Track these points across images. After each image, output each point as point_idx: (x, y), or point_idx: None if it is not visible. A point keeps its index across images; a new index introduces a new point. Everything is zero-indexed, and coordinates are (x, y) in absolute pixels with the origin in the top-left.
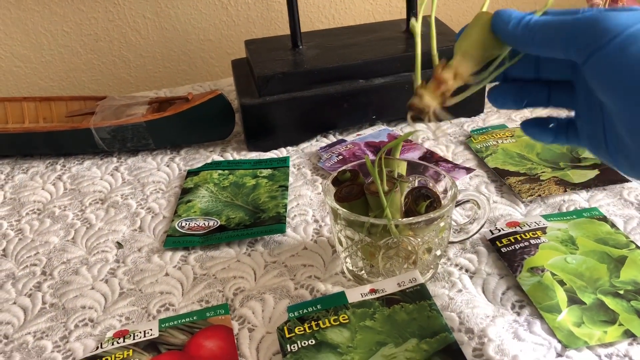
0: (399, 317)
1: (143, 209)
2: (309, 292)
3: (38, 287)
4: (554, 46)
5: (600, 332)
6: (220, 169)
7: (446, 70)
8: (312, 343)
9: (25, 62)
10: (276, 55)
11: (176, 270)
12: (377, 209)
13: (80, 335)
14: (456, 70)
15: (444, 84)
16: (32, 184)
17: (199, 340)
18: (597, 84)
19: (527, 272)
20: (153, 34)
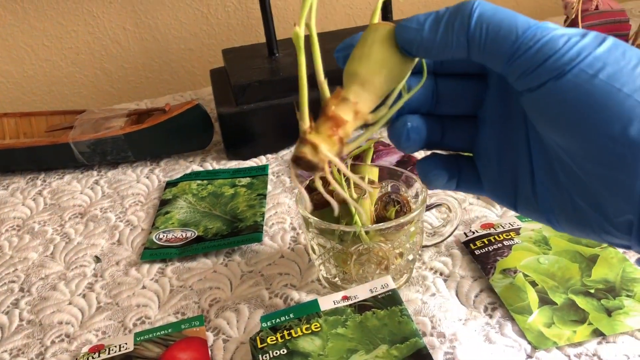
0: (370, 324)
1: (122, 222)
2: (282, 301)
3: (16, 304)
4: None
5: (569, 332)
6: (199, 179)
7: (343, 106)
8: (284, 352)
9: (7, 77)
10: (252, 63)
11: (153, 283)
12: (347, 216)
13: (56, 352)
14: (355, 106)
15: (341, 127)
16: (13, 200)
17: (173, 353)
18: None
19: (500, 273)
20: (134, 45)
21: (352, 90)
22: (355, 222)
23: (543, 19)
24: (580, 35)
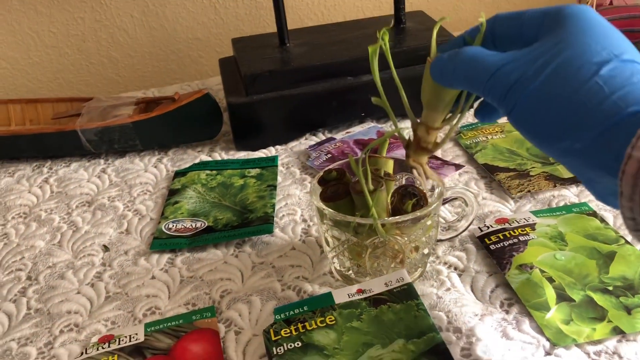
0: (386, 318)
1: (130, 211)
2: (296, 293)
3: (23, 293)
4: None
5: (589, 330)
6: (208, 169)
7: (420, 127)
8: (299, 345)
9: (12, 64)
10: (263, 53)
11: (163, 273)
12: (363, 208)
13: (65, 341)
14: (427, 124)
15: (422, 141)
16: (19, 187)
17: (185, 344)
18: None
19: (516, 269)
20: (141, 34)
21: (423, 113)
22: (372, 214)
23: None
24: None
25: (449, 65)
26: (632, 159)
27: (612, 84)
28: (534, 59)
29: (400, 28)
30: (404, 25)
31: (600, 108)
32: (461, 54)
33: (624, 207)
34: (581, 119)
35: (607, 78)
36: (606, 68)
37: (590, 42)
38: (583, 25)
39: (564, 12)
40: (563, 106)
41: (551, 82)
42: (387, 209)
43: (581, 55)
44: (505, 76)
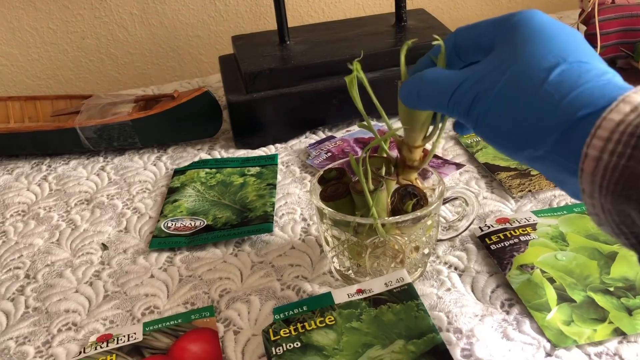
0: (386, 318)
1: (129, 209)
2: (295, 293)
3: (21, 291)
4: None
5: (589, 331)
6: (208, 168)
7: (403, 147)
8: (298, 345)
9: (11, 61)
10: (263, 51)
11: (162, 272)
12: (363, 208)
13: (63, 340)
14: (408, 144)
15: (407, 160)
16: (17, 185)
17: (184, 344)
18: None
19: (517, 269)
20: (140, 31)
21: (404, 135)
22: (372, 214)
23: (558, 12)
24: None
25: (412, 90)
26: (588, 158)
27: (562, 89)
28: (487, 73)
29: (401, 26)
30: (405, 23)
31: (553, 115)
32: (422, 79)
33: (587, 204)
34: (537, 127)
35: (556, 84)
36: (554, 73)
37: (537, 49)
38: (531, 32)
39: (512, 21)
40: (519, 116)
41: (505, 94)
42: (387, 209)
43: (530, 64)
44: (463, 94)
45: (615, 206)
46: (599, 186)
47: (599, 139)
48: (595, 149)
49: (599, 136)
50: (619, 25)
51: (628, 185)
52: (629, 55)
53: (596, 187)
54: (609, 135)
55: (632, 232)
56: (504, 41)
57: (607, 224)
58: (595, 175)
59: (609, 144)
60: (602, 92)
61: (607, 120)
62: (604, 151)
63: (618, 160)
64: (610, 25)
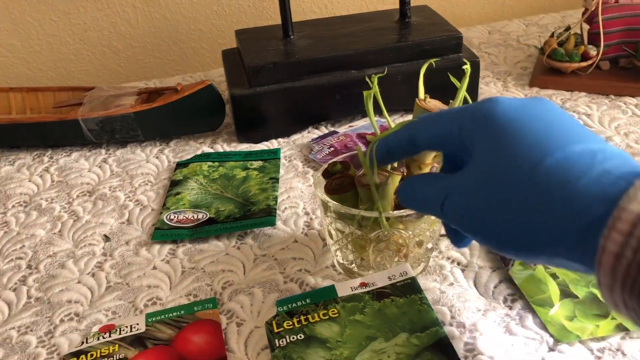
0: (389, 311)
1: (131, 201)
2: (298, 286)
3: (23, 281)
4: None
5: (592, 326)
6: (210, 161)
7: (412, 164)
8: (301, 338)
9: (13, 52)
10: (267, 45)
11: (164, 264)
12: (368, 201)
13: (65, 330)
14: (418, 161)
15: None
16: (19, 175)
17: (187, 335)
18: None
19: (520, 265)
20: (143, 24)
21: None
22: (377, 207)
23: (560, 11)
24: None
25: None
26: (607, 252)
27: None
28: (473, 182)
29: (405, 22)
30: (409, 19)
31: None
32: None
33: (605, 294)
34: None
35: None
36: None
37: (516, 150)
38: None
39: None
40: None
41: (497, 207)
42: (392, 204)
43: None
44: (453, 208)
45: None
46: (622, 283)
47: (619, 233)
48: (615, 244)
49: (619, 230)
50: (622, 24)
51: None
52: (631, 55)
53: (618, 284)
54: (630, 229)
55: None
56: (478, 143)
57: (628, 315)
58: (616, 272)
59: (632, 240)
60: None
61: (627, 212)
62: (626, 247)
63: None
64: (614, 25)
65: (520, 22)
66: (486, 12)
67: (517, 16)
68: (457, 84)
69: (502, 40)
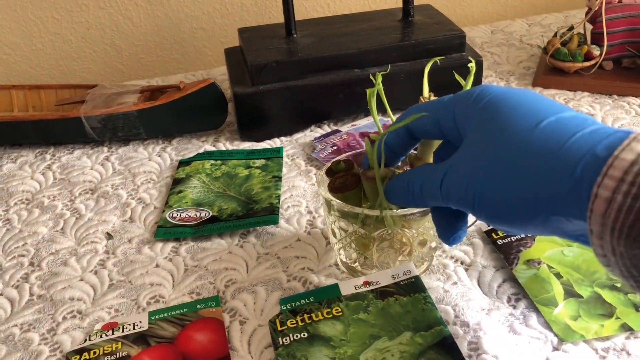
0: (393, 310)
1: (134, 199)
2: (301, 284)
3: (26, 279)
4: None
5: (597, 326)
6: (213, 159)
7: (416, 162)
8: (305, 336)
9: (15, 50)
10: (270, 43)
11: (167, 262)
12: (372, 196)
13: (68, 328)
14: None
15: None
16: (21, 173)
17: (189, 333)
18: None
19: (524, 264)
20: (145, 22)
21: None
22: (379, 202)
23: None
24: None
25: (407, 196)
26: (599, 198)
27: (550, 147)
28: (470, 155)
29: (408, 21)
30: (412, 18)
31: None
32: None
33: (595, 245)
34: (540, 188)
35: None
36: (545, 126)
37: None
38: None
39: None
40: (518, 186)
41: (497, 169)
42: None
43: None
44: (453, 182)
45: (628, 250)
46: (611, 228)
47: (611, 178)
48: (607, 190)
49: (611, 176)
50: (625, 24)
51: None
52: (635, 55)
53: (607, 229)
54: (622, 175)
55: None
56: (472, 123)
57: (616, 266)
58: (606, 217)
59: (623, 185)
60: (595, 139)
61: (620, 160)
62: (617, 192)
63: (633, 203)
64: (617, 24)
65: (523, 22)
66: (489, 11)
67: (519, 16)
68: (462, 81)
69: (505, 40)
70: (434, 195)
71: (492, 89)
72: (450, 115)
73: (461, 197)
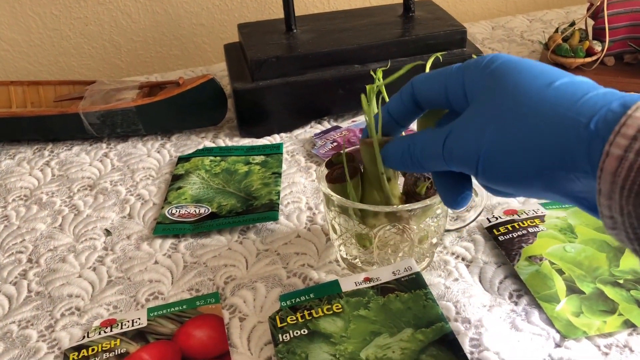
0: (393, 307)
1: (133, 195)
2: (301, 281)
3: (24, 275)
4: None
5: (599, 322)
6: (212, 156)
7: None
8: (305, 333)
9: (13, 46)
10: (270, 39)
11: (166, 258)
12: (370, 164)
13: (66, 325)
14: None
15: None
16: (19, 169)
17: (189, 330)
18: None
19: (525, 260)
20: (144, 18)
21: None
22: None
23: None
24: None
25: (405, 155)
26: (610, 157)
27: (565, 103)
28: (477, 114)
29: (409, 16)
30: (412, 13)
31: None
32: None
33: (603, 206)
34: (551, 147)
35: (557, 99)
36: (552, 90)
37: (525, 77)
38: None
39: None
40: (527, 143)
41: (506, 127)
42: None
43: (524, 91)
44: (457, 142)
45: (637, 208)
46: (621, 187)
47: (624, 137)
48: (619, 148)
49: (624, 134)
50: (627, 20)
51: None
52: (637, 50)
53: (617, 188)
54: (635, 133)
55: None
56: (481, 87)
57: (622, 228)
58: (617, 176)
59: (635, 143)
60: (607, 98)
61: (633, 118)
62: (629, 150)
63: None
64: (619, 20)
65: (524, 18)
66: (489, 7)
67: (520, 12)
68: None
69: (506, 35)
70: (436, 156)
71: (502, 56)
72: (459, 82)
73: (465, 157)
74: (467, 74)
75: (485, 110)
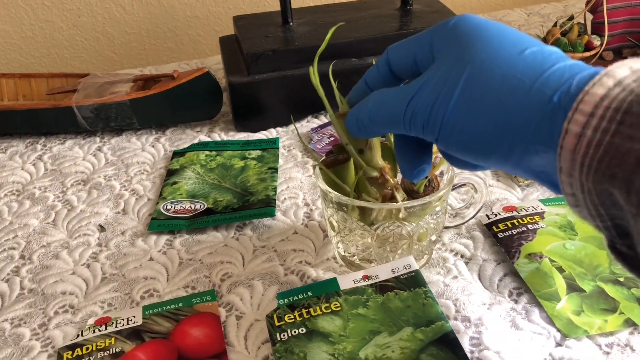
0: (393, 305)
1: (127, 190)
2: (299, 278)
3: (16, 272)
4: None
5: (600, 321)
6: (207, 150)
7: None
8: (303, 331)
9: (5, 37)
10: (266, 31)
11: (161, 255)
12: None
13: (60, 323)
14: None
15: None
16: (11, 164)
17: (185, 328)
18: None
19: (525, 258)
20: (138, 10)
21: None
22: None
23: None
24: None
25: (363, 115)
26: (569, 134)
27: (530, 74)
28: (441, 78)
29: (406, 10)
30: (410, 6)
31: (526, 101)
32: (370, 101)
33: (564, 183)
34: (512, 118)
35: (522, 70)
36: (518, 60)
37: (490, 44)
38: (474, 32)
39: (449, 27)
40: (488, 112)
41: (468, 94)
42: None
43: (488, 59)
44: (419, 104)
45: (596, 185)
46: (580, 164)
47: (582, 114)
48: (577, 125)
49: (581, 111)
50: (626, 14)
51: (613, 163)
52: (635, 45)
53: (577, 165)
54: (592, 110)
55: (609, 214)
56: (448, 47)
57: (584, 205)
58: (576, 153)
59: (592, 120)
60: (573, 71)
61: (590, 95)
62: (587, 127)
63: (602, 137)
64: (618, 14)
65: (522, 12)
66: (487, 0)
67: (518, 5)
68: None
69: None
70: (396, 120)
71: (472, 17)
72: (427, 44)
73: (426, 121)
74: (435, 35)
75: (450, 73)
